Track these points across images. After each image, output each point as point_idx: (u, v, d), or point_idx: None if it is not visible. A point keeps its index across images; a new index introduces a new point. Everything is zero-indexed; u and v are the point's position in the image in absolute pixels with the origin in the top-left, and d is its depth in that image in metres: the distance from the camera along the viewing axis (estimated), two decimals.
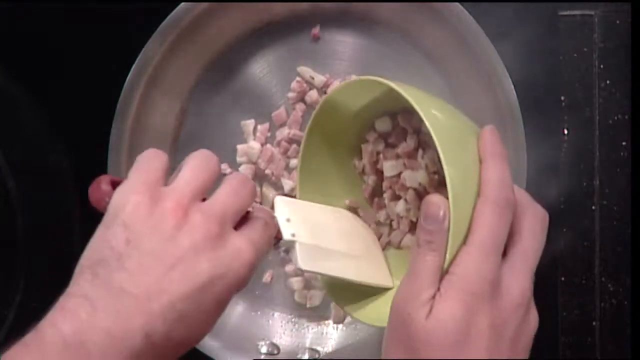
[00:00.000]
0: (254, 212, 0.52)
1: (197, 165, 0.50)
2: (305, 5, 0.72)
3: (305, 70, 0.73)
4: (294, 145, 0.72)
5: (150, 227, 0.46)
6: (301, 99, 0.73)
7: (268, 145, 0.72)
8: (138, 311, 0.44)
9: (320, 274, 0.59)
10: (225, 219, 0.48)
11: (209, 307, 0.47)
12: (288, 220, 0.56)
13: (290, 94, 0.72)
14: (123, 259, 0.45)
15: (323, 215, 0.62)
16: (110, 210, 0.47)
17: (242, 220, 0.50)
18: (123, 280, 0.45)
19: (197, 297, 0.46)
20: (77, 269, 0.47)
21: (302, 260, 0.56)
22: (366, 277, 0.60)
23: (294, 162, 0.72)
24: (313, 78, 0.72)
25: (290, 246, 0.56)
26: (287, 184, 0.71)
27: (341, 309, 0.63)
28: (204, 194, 0.49)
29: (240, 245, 0.48)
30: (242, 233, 0.49)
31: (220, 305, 0.48)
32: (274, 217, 0.54)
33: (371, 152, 0.64)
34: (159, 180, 0.48)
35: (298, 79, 0.72)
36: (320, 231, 0.59)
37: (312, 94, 0.72)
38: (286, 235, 0.55)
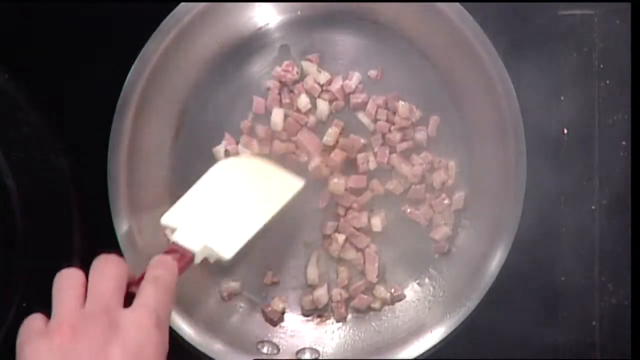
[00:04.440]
0: (148, 271, 0.53)
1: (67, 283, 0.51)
2: (305, 5, 0.72)
3: (310, 65, 0.73)
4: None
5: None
6: (281, 78, 0.72)
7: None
8: None
9: (244, 245, 0.61)
10: (106, 307, 0.49)
11: None
12: (185, 234, 0.59)
13: (277, 69, 0.72)
14: None
15: (207, 191, 0.64)
16: None
17: (137, 285, 0.52)
18: None
19: None
20: None
21: (225, 252, 0.59)
22: (280, 201, 0.64)
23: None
24: (319, 72, 0.72)
25: (207, 254, 0.59)
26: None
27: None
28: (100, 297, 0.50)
29: (135, 319, 0.48)
30: (133, 307, 0.50)
31: None
32: (166, 262, 0.55)
33: None
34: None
35: (291, 64, 0.73)
36: (217, 210, 0.62)
37: (309, 80, 0.72)
38: (196, 247, 0.58)
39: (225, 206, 0.62)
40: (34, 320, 0.49)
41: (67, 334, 0.47)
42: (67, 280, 0.50)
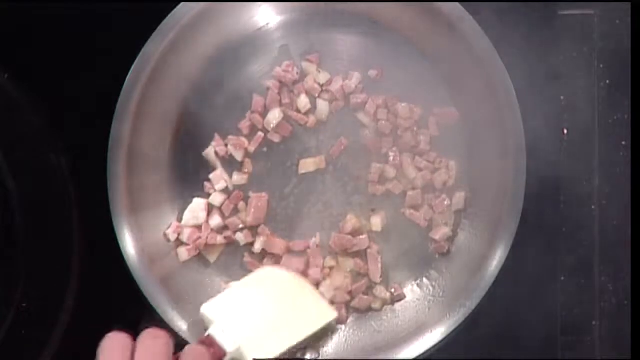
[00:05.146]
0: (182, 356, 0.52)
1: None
2: (305, 5, 0.72)
3: (310, 65, 0.73)
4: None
5: None
6: (281, 78, 0.73)
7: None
8: None
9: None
10: None
11: None
12: (222, 330, 0.58)
13: (277, 69, 0.73)
14: None
15: (249, 293, 0.63)
16: None
17: None
18: None
19: None
20: None
21: None
22: (310, 327, 0.63)
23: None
24: (319, 72, 0.72)
25: (237, 356, 0.58)
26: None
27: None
28: None
29: None
30: None
31: None
32: (202, 355, 0.54)
33: None
34: None
35: (291, 64, 0.73)
36: (255, 317, 0.61)
37: (309, 80, 0.72)
38: (230, 348, 0.57)
39: (262, 314, 0.61)
40: None
41: None
42: (116, 350, 0.50)
